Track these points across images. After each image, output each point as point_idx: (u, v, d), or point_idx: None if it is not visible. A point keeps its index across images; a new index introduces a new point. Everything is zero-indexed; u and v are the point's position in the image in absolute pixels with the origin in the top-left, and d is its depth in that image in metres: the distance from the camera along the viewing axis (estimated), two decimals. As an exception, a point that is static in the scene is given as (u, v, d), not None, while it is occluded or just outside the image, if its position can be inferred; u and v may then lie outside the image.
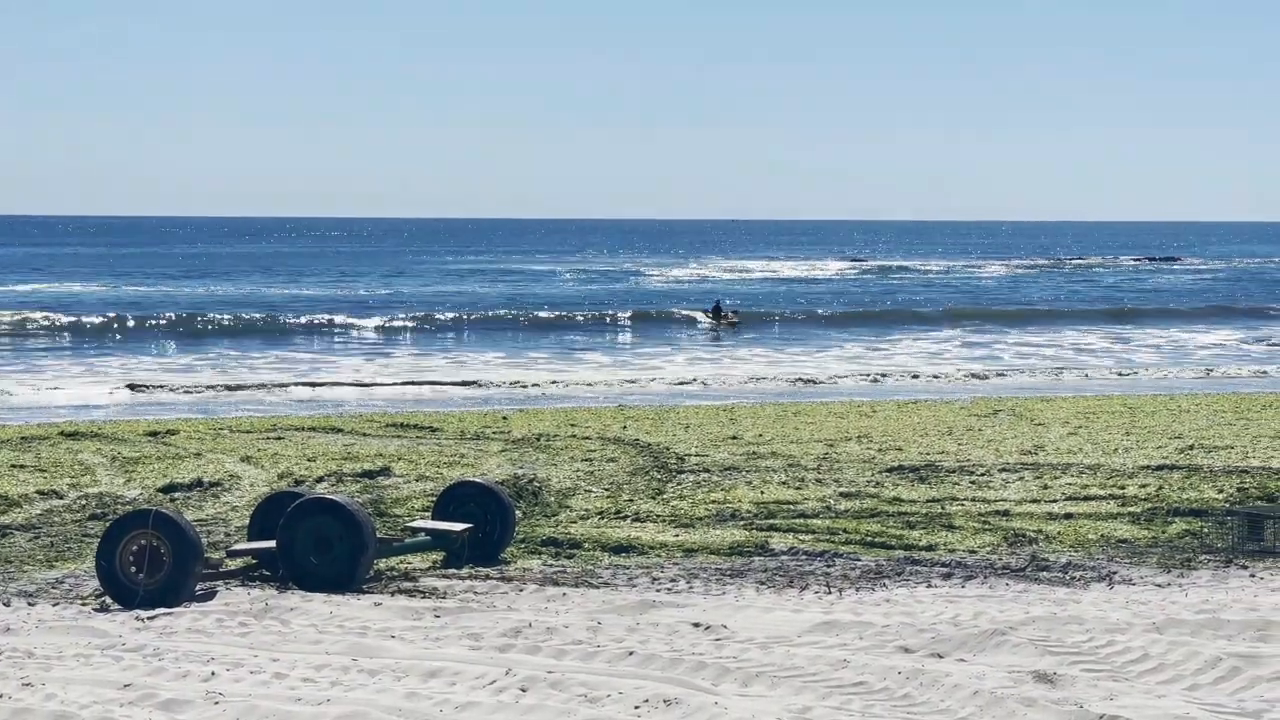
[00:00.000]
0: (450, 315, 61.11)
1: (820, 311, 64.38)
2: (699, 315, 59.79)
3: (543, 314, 62.79)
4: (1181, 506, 16.18)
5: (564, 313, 63.58)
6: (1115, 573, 13.08)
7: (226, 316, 59.95)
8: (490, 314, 62.81)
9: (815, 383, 37.81)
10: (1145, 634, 10.22)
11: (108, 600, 12.12)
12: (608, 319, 61.09)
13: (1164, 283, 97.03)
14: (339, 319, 59.67)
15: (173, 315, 60.42)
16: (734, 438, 22.83)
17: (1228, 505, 15.99)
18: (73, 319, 57.13)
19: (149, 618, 11.37)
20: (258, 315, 60.36)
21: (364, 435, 23.52)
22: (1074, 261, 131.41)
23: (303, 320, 59.03)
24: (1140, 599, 11.79)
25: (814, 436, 23.02)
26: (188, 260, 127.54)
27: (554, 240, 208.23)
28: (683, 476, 18.84)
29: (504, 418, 26.36)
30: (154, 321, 57.81)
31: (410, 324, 58.02)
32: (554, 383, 37.76)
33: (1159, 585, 12.51)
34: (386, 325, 57.67)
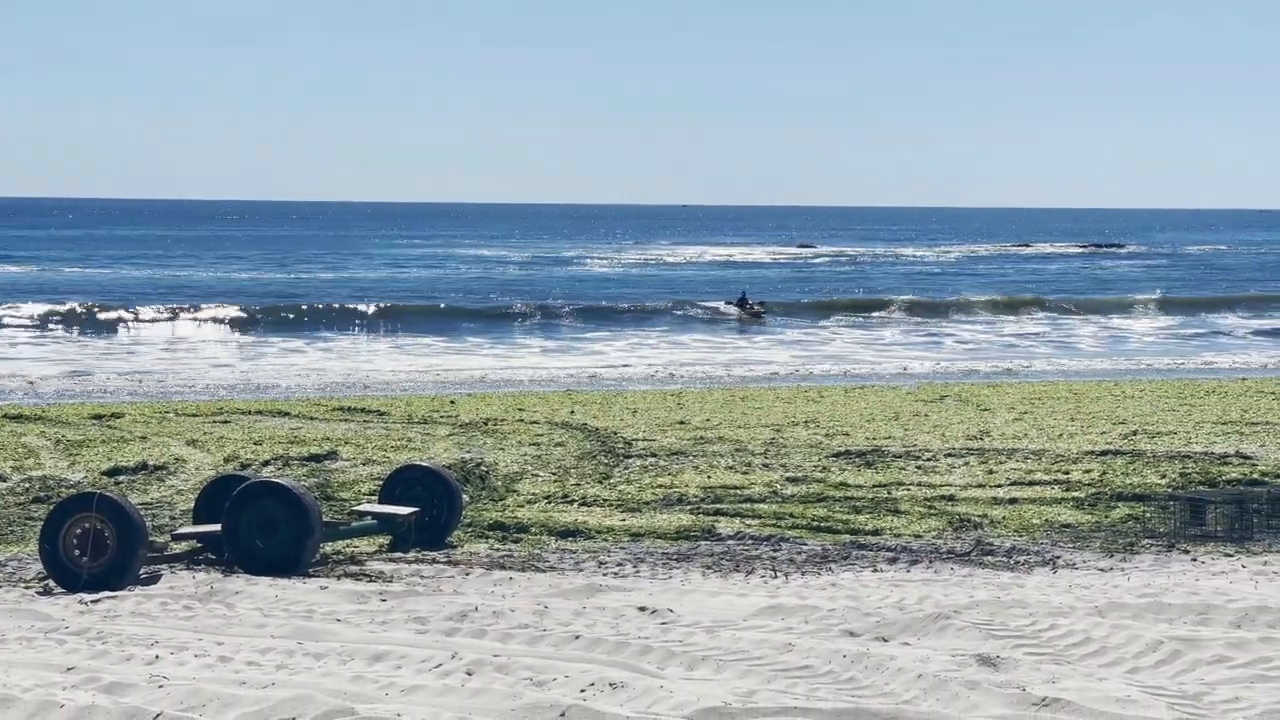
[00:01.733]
0: (385, 305, 60.23)
1: (767, 299, 63.98)
2: (721, 305, 58.96)
3: (555, 303, 61.34)
4: (1125, 491, 16.32)
5: (603, 303, 61.80)
6: (1059, 557, 13.18)
7: (172, 302, 59.58)
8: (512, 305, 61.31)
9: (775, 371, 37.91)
10: (1088, 618, 10.30)
11: (51, 583, 12.06)
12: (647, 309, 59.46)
13: (1109, 269, 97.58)
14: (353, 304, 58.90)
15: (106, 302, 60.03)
16: (681, 423, 22.86)
17: (1170, 490, 16.13)
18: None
19: (93, 601, 11.32)
20: (196, 301, 59.82)
21: (311, 419, 23.45)
22: (1020, 248, 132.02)
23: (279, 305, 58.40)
24: (1083, 583, 11.89)
25: (761, 421, 23.08)
26: (135, 243, 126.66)
27: (499, 226, 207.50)
28: (630, 461, 18.86)
29: (451, 402, 26.32)
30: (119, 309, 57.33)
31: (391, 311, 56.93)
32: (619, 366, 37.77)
33: (1102, 569, 12.61)
34: (379, 310, 56.62)
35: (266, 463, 18.61)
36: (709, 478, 17.52)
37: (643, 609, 10.77)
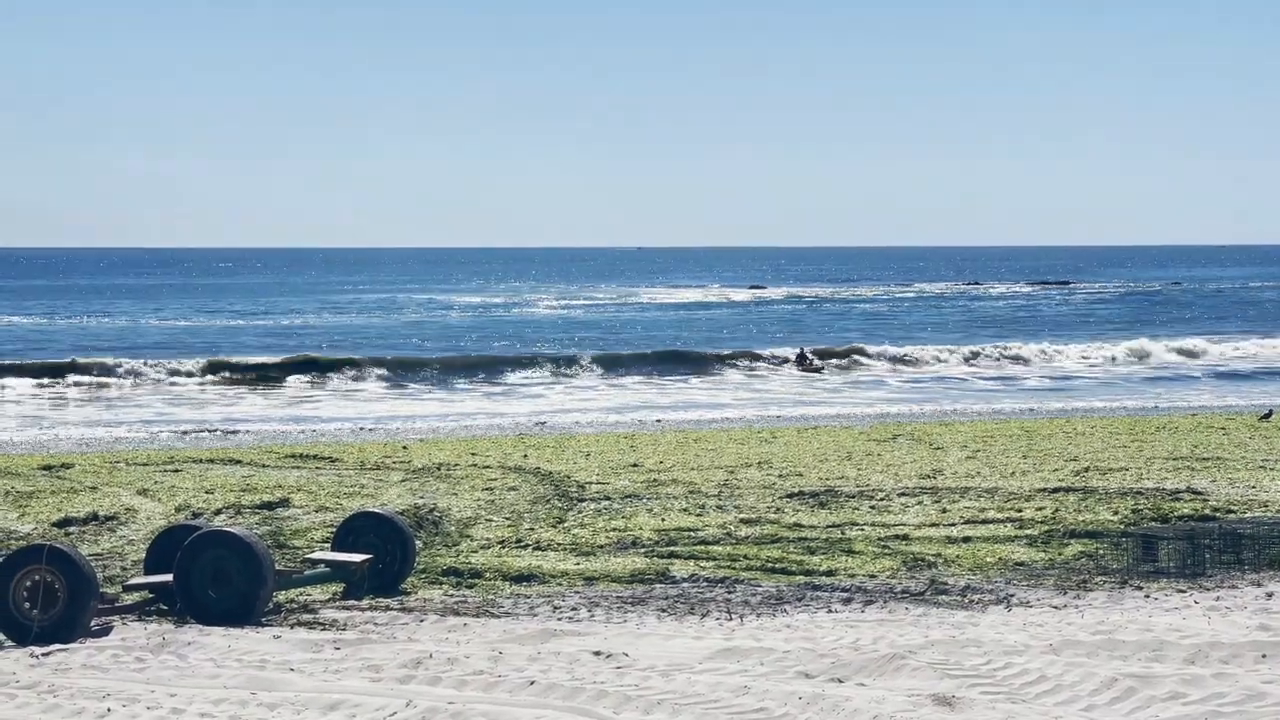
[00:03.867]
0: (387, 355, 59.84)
1: (707, 349, 62.39)
2: (778, 354, 57.99)
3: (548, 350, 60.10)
4: (1077, 528, 16.38)
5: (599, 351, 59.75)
6: (1013, 595, 13.21)
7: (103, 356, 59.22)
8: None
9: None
10: (1042, 655, 10.33)
11: (1, 637, 11.94)
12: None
13: (1064, 306, 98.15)
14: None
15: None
16: (634, 465, 22.85)
17: (1122, 527, 16.22)
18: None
19: (44, 654, 11.21)
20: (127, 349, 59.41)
21: (263, 466, 23.33)
22: (970, 286, 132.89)
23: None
24: (1037, 621, 11.92)
25: (714, 463, 23.09)
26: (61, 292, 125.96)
27: (446, 271, 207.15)
28: (584, 505, 18.83)
29: (404, 447, 26.25)
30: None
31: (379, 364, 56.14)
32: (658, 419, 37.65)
33: (1056, 607, 12.64)
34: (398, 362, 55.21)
35: (218, 511, 18.50)
36: (663, 520, 17.51)
37: (598, 653, 10.74)
